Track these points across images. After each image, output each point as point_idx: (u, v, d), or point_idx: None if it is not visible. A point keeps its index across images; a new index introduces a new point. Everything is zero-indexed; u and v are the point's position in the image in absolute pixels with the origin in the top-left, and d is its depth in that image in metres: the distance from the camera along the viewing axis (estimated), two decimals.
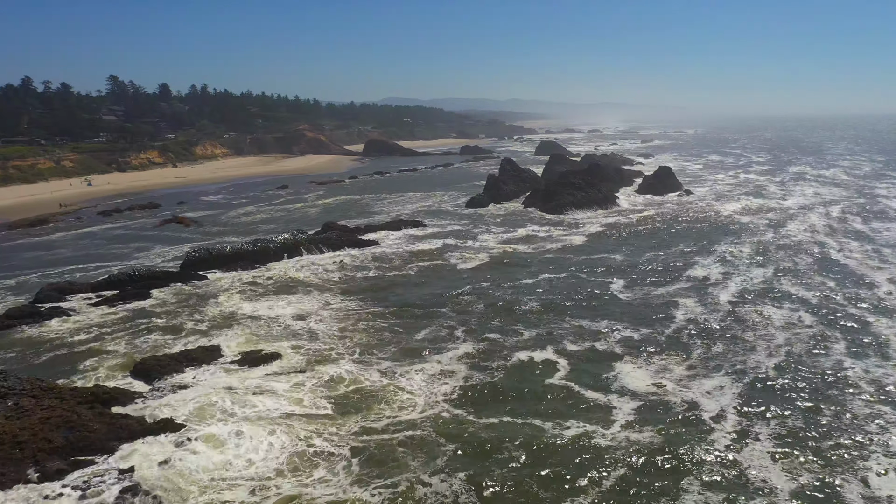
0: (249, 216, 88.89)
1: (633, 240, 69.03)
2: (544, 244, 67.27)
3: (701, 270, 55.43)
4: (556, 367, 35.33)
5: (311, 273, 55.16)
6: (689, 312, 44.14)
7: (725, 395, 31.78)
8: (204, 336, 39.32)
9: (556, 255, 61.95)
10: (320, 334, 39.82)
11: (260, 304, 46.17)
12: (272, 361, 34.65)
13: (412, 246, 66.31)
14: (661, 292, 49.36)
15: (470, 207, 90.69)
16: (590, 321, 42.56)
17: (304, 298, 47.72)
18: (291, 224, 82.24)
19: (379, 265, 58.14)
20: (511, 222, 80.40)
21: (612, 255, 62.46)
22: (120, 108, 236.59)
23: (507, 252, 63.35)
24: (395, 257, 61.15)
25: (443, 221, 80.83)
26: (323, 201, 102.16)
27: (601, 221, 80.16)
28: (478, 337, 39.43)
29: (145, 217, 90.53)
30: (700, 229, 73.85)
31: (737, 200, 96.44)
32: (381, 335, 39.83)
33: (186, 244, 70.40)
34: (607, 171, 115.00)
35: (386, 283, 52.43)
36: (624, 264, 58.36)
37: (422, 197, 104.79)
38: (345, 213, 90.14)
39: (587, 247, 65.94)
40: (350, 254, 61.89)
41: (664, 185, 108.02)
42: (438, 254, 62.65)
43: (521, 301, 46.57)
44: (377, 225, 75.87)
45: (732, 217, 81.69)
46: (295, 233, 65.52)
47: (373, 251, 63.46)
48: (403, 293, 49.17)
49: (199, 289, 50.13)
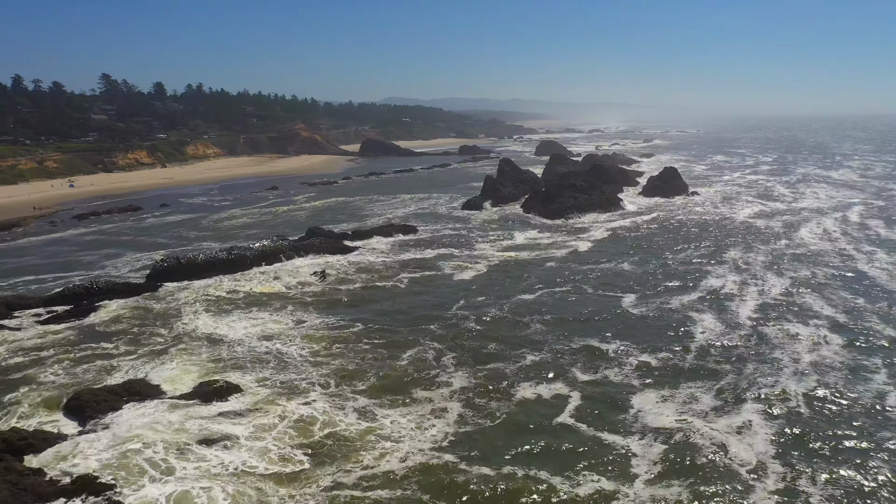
0: (232, 220, 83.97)
1: (641, 246, 64.24)
2: (546, 251, 62.45)
3: (714, 280, 50.74)
4: (567, 402, 30.54)
5: (289, 285, 50.29)
6: (709, 331, 39.37)
7: (758, 435, 27.08)
8: (156, 362, 34.37)
9: (558, 264, 57.14)
10: (290, 360, 34.94)
11: (226, 321, 41.24)
12: (231, 396, 29.78)
13: (402, 254, 61.44)
14: (674, 305, 44.63)
15: (466, 210, 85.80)
16: (601, 342, 37.77)
17: (277, 315, 42.83)
18: (276, 229, 77.33)
19: (364, 276, 53.27)
20: (510, 227, 75.54)
21: (620, 262, 57.74)
22: (112, 108, 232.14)
23: (505, 261, 58.50)
24: (383, 267, 56.27)
25: (437, 226, 75.94)
26: (312, 203, 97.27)
27: (606, 226, 75.33)
28: (473, 365, 34.55)
29: (121, 221, 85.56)
30: (709, 235, 69.03)
31: (746, 203, 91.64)
32: (361, 361, 34.94)
33: (161, 250, 65.57)
34: (610, 173, 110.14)
35: (370, 296, 47.55)
36: (633, 274, 53.65)
37: (416, 199, 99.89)
38: (334, 217, 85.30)
39: (592, 254, 61.15)
40: (332, 263, 56.97)
41: (670, 187, 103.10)
42: (431, 263, 57.78)
43: (522, 319, 41.74)
44: (366, 230, 70.99)
45: (743, 221, 76.86)
46: (275, 239, 60.64)
47: (359, 260, 58.58)
48: (389, 309, 44.27)
49: (161, 303, 45.23)
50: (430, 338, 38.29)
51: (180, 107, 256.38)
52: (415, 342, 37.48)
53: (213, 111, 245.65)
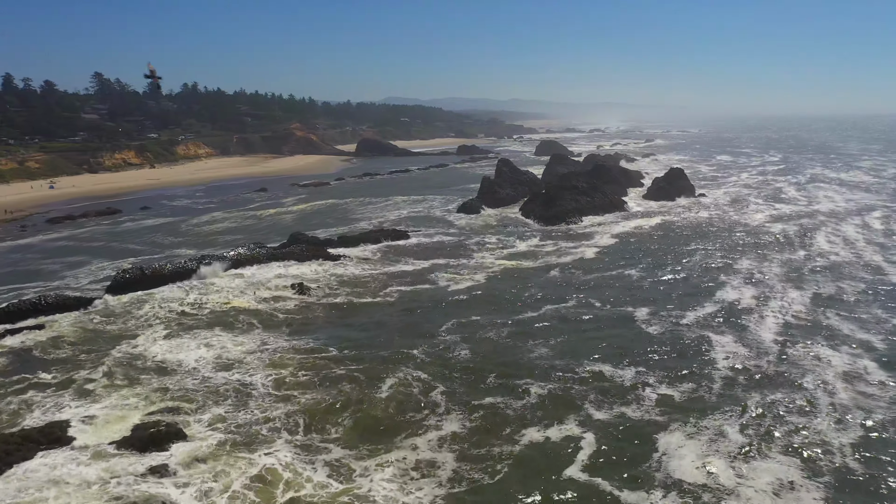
0: (213, 224, 79.24)
1: (648, 253, 59.57)
2: (548, 259, 57.76)
3: (730, 293, 46.10)
4: (579, 447, 25.91)
5: (262, 299, 45.55)
6: (732, 356, 34.66)
7: (803, 500, 22.33)
8: (90, 398, 29.57)
9: (562, 274, 52.46)
10: (252, 394, 30.18)
11: (184, 343, 36.47)
12: (171, 444, 24.99)
13: (391, 263, 56.72)
14: (690, 322, 40.01)
15: (461, 214, 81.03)
16: (615, 368, 33.12)
17: (244, 336, 38.09)
18: (258, 234, 72.73)
19: (347, 289, 48.53)
20: (508, 232, 70.78)
21: (628, 271, 53.18)
22: (104, 107, 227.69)
23: (504, 270, 53.76)
24: (370, 278, 51.54)
25: (430, 231, 71.19)
26: (300, 206, 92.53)
27: (610, 230, 70.57)
28: (468, 401, 29.69)
29: (96, 226, 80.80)
30: (720, 241, 64.24)
31: (756, 206, 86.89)
32: (335, 395, 30.10)
33: (131, 257, 60.99)
34: (613, 173, 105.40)
35: (352, 314, 42.79)
36: (642, 284, 49.05)
37: (410, 202, 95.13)
38: (322, 221, 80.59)
39: (597, 262, 56.47)
40: (312, 275, 52.23)
41: (676, 189, 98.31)
42: (422, 274, 53.05)
43: (524, 341, 36.98)
44: (354, 236, 66.21)
45: (755, 226, 72.06)
46: (252, 247, 55.92)
47: (343, 270, 53.83)
48: (372, 329, 39.46)
49: (114, 321, 40.48)
50: (417, 366, 33.44)
51: (174, 106, 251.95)
52: (399, 371, 32.64)
53: (207, 110, 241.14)
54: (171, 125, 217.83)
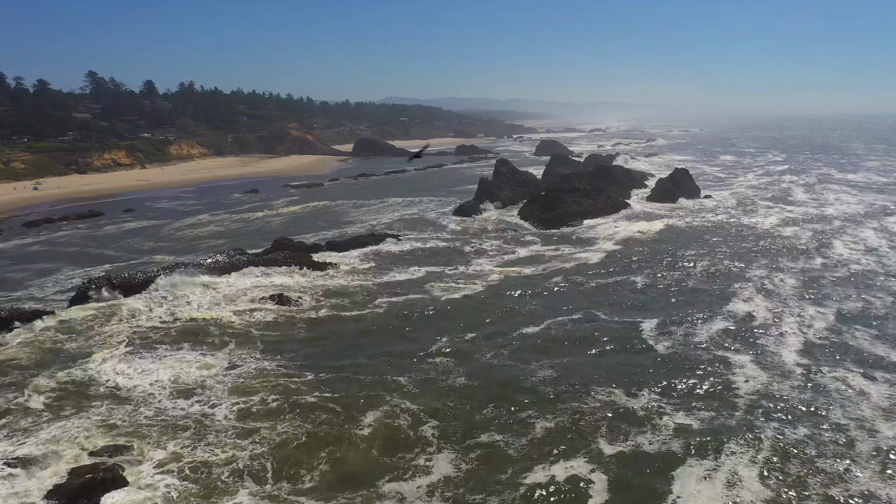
0: (197, 228, 75.63)
1: (654, 259, 56.01)
2: (549, 266, 54.21)
3: (742, 305, 42.43)
4: (589, 491, 22.52)
5: (237, 311, 41.94)
6: (752, 380, 31.07)
7: None
8: (23, 435, 25.82)
9: (565, 282, 48.91)
10: (214, 427, 26.53)
11: (145, 364, 32.82)
12: (106, 495, 21.40)
13: (382, 271, 53.15)
14: (703, 339, 36.42)
15: (457, 217, 77.40)
16: (626, 394, 29.59)
17: (212, 355, 34.48)
18: (244, 238, 69.14)
19: (332, 301, 44.91)
20: (506, 236, 67.19)
21: (633, 278, 49.72)
22: (98, 106, 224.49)
23: (502, 279, 50.08)
24: (358, 288, 47.93)
25: (424, 235, 67.61)
26: (291, 208, 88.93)
27: (614, 234, 66.92)
28: (462, 437, 26.03)
29: (75, 229, 77.21)
30: (728, 246, 60.56)
31: (765, 208, 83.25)
32: (309, 430, 26.34)
33: (106, 264, 57.44)
34: (616, 174, 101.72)
35: (334, 329, 39.14)
36: (649, 294, 45.51)
37: (405, 203, 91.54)
38: (313, 224, 77.04)
39: (601, 268, 52.90)
40: (294, 285, 48.65)
41: (681, 190, 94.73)
42: (414, 283, 49.48)
43: (526, 363, 33.33)
44: (343, 241, 62.60)
45: (764, 230, 68.33)
46: (232, 253, 52.33)
47: (328, 280, 50.25)
48: (356, 349, 35.76)
49: (73, 338, 36.80)
50: (405, 394, 29.66)
51: (169, 105, 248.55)
52: (384, 401, 28.90)
53: (202, 110, 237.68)
54: (166, 125, 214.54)
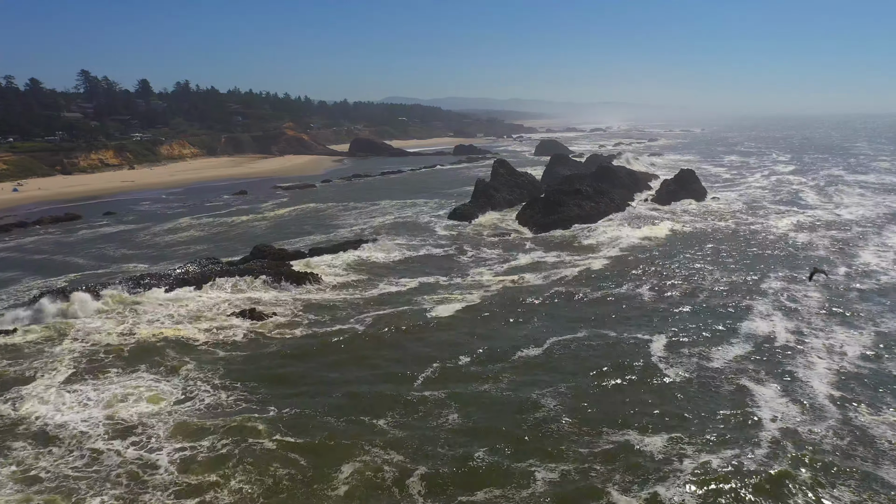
0: (177, 233, 71.44)
1: (661, 267, 51.95)
2: (550, 275, 50.19)
3: (761, 323, 38.21)
4: None
5: (203, 329, 37.86)
6: (779, 416, 26.96)
7: None
8: None
9: (567, 293, 44.92)
10: (149, 482, 22.34)
11: (87, 393, 28.71)
12: None
13: (368, 282, 49.11)
14: (719, 365, 32.31)
15: (452, 221, 73.27)
16: (640, 434, 25.57)
17: (165, 380, 30.44)
18: (226, 243, 65.10)
19: (311, 316, 40.81)
20: (504, 243, 63.10)
21: (639, 289, 45.73)
22: (90, 106, 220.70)
23: (500, 291, 46.02)
24: (340, 302, 43.84)
25: (417, 241, 63.50)
26: (278, 212, 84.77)
27: (618, 240, 62.70)
28: (455, 494, 21.89)
29: (48, 234, 73.01)
30: (740, 253, 56.42)
31: (776, 211, 79.10)
32: (267, 490, 21.98)
33: (72, 273, 53.32)
34: (619, 175, 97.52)
35: (308, 352, 34.96)
36: (658, 308, 41.46)
37: (398, 206, 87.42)
38: (299, 228, 72.92)
39: (606, 279, 48.81)
40: (270, 298, 44.53)
41: (687, 191, 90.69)
42: (404, 295, 45.45)
43: (527, 394, 29.23)
44: (328, 247, 58.45)
45: (778, 235, 64.18)
46: (204, 263, 48.19)
47: (308, 292, 46.12)
48: (330, 378, 31.57)
49: (15, 359, 32.69)
50: (387, 441, 25.15)
51: (164, 105, 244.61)
52: (360, 448, 24.41)
53: (196, 109, 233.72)
54: (160, 125, 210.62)
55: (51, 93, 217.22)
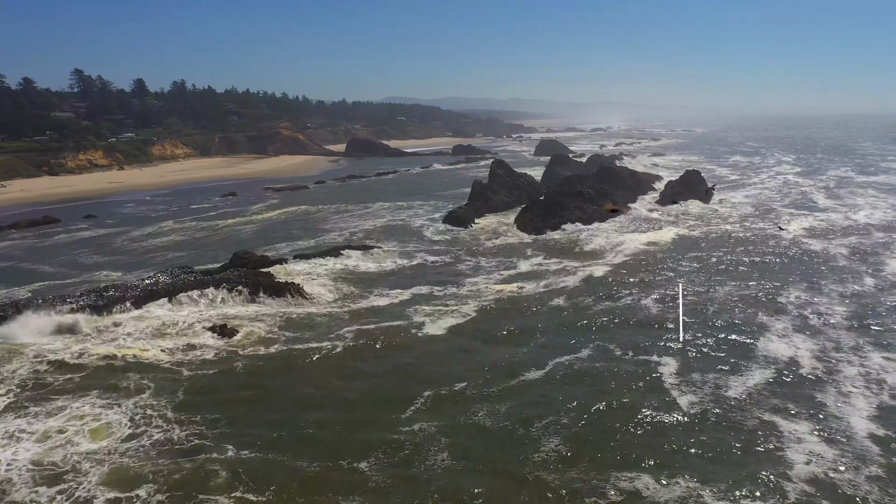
0: (158, 237, 67.90)
1: (667, 275, 48.47)
2: (551, 283, 46.80)
3: (782, 346, 34.32)
4: None
5: (168, 348, 34.36)
6: (814, 459, 23.51)
7: None
8: None
9: (569, 305, 41.72)
10: None
11: (16, 428, 25.20)
12: None
13: (355, 294, 45.63)
14: (738, 393, 28.75)
15: (447, 225, 69.69)
16: (653, 479, 22.25)
17: (117, 405, 27.00)
18: (207, 249, 61.61)
19: (289, 333, 37.29)
20: (502, 249, 59.58)
21: (645, 301, 42.34)
22: (83, 105, 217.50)
23: (498, 302, 42.61)
24: (323, 316, 40.34)
25: (410, 247, 60.01)
26: (267, 215, 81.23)
27: (622, 246, 59.21)
28: None
29: (22, 239, 69.42)
30: (753, 260, 52.78)
31: (787, 214, 75.57)
32: None
33: (38, 283, 49.83)
34: (621, 177, 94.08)
35: (282, 376, 31.46)
36: (665, 323, 37.97)
37: (392, 209, 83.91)
38: (287, 233, 69.37)
39: (610, 288, 45.34)
40: (246, 313, 41.00)
41: (693, 193, 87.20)
42: (393, 308, 42.03)
43: (526, 428, 25.86)
44: (314, 254, 54.86)
45: (791, 240, 60.54)
46: (176, 272, 44.62)
47: (287, 305, 42.57)
48: (302, 409, 28.01)
49: None
50: (365, 491, 21.64)
51: (158, 104, 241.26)
52: (332, 501, 21.18)
53: (191, 109, 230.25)
54: (154, 124, 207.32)
55: (45, 92, 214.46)
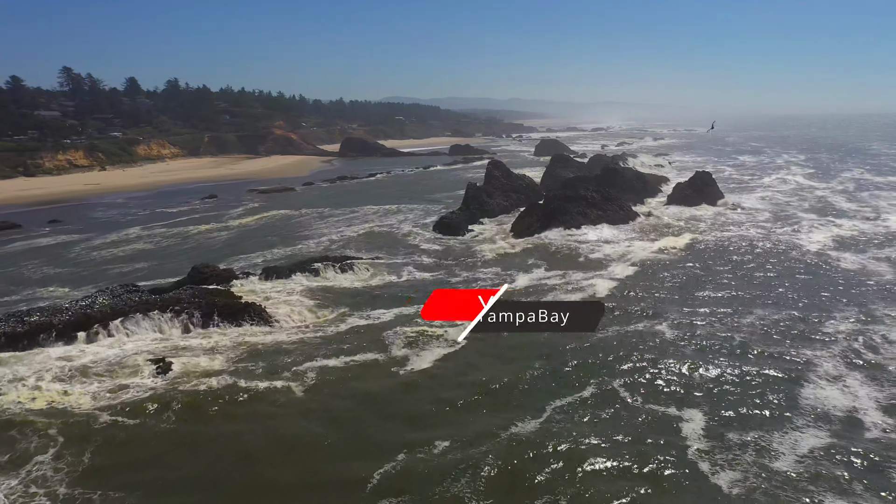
0: (120, 246, 61.93)
1: (682, 292, 42.42)
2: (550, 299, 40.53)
3: (835, 393, 27.55)
4: None
5: (90, 391, 28.42)
6: None
7: None
8: None
9: (570, 334, 35.33)
10: None
11: None
12: None
13: (327, 316, 39.68)
14: (789, 466, 22.46)
15: (438, 233, 63.74)
16: None
17: None
18: (171, 260, 55.73)
19: (242, 364, 31.39)
20: (497, 260, 53.61)
21: (658, 326, 36.17)
22: (71, 104, 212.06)
23: None
24: (287, 347, 34.35)
25: (394, 259, 54.04)
26: (244, 220, 75.28)
27: (629, 255, 53.36)
28: None
29: None
30: (780, 277, 46.35)
31: (809, 221, 69.37)
32: None
33: None
34: (626, 178, 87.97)
35: (222, 428, 25.51)
36: (683, 358, 31.58)
37: (380, 213, 78.01)
38: (262, 240, 63.43)
39: (616, 307, 39.20)
40: (195, 344, 35.03)
41: (704, 196, 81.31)
42: (371, 332, 36.09)
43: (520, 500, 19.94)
44: (287, 267, 48.84)
45: (817, 252, 54.14)
46: (119, 291, 38.55)
47: (245, 335, 36.61)
48: (240, 472, 22.27)
49: None
50: None
51: (150, 103, 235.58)
52: None
53: (182, 107, 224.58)
54: (143, 123, 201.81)
55: (34, 91, 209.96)
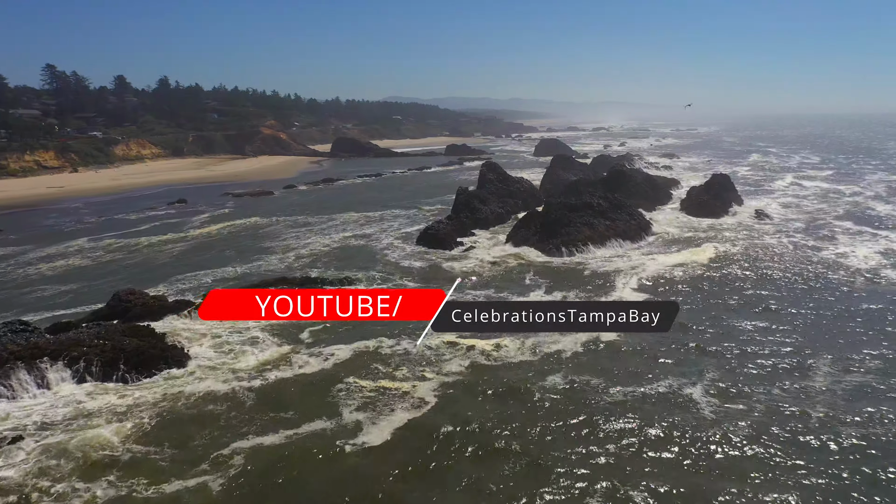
0: (56, 260, 53.43)
1: (709, 327, 34.12)
2: (545, 341, 32.24)
3: None
4: None
5: None
6: None
7: None
8: None
9: (566, 390, 26.92)
10: None
11: None
12: None
13: (268, 362, 31.44)
14: None
15: (421, 247, 55.42)
16: None
17: None
18: (106, 281, 47.49)
19: (142, 448, 23.11)
20: (488, 279, 45.38)
21: (687, 389, 27.42)
22: (53, 103, 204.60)
23: (473, 371, 28.61)
24: (214, 404, 26.20)
25: (371, 277, 45.82)
26: (207, 229, 66.89)
27: (642, 273, 45.25)
28: None
29: None
30: (827, 303, 38.10)
31: (846, 232, 61.02)
32: None
33: None
34: (635, 181, 79.60)
35: None
36: (722, 439, 23.08)
37: (361, 221, 69.76)
38: (218, 254, 55.16)
39: (627, 342, 31.14)
40: (84, 402, 26.78)
41: (722, 203, 73.06)
42: (327, 383, 28.15)
43: None
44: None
45: (871, 270, 45.52)
46: (2, 329, 30.33)
47: (163, 388, 28.41)
48: None
49: None
50: None
51: (136, 101, 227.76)
52: None
53: (168, 105, 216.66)
54: (128, 123, 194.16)
55: (21, 89, 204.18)
